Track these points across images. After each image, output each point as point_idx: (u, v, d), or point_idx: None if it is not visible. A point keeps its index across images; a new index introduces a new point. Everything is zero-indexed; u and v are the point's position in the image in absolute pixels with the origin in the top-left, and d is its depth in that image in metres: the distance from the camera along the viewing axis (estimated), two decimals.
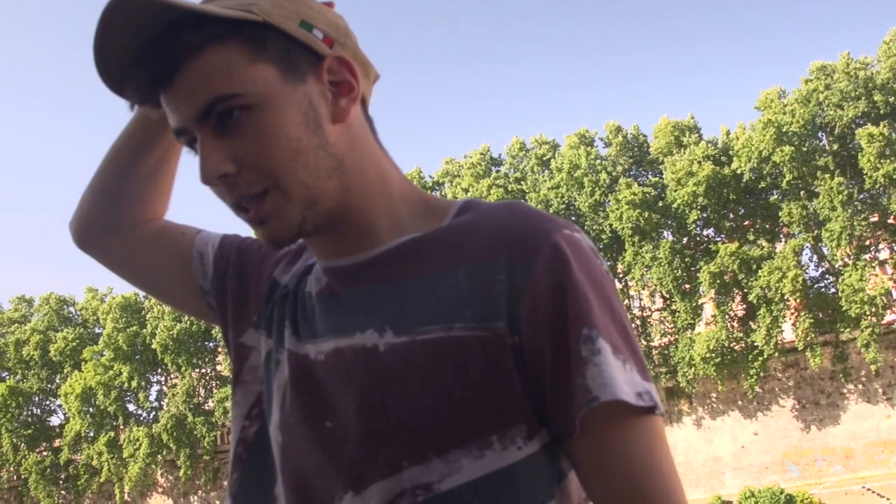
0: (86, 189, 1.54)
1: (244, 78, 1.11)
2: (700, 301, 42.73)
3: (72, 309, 57.53)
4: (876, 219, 40.23)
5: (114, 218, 1.52)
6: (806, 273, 40.23)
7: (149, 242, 1.51)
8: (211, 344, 51.26)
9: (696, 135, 43.82)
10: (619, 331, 1.10)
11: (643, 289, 44.49)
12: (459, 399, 1.08)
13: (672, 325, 43.16)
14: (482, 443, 1.08)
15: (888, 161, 38.32)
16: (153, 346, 50.06)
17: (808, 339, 39.40)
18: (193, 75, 1.11)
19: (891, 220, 40.05)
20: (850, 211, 39.39)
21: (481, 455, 1.08)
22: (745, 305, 41.83)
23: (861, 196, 40.44)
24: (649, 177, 45.23)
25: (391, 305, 1.15)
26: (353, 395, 1.13)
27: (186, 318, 50.01)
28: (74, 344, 53.71)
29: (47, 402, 57.26)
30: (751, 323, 41.45)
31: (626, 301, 45.19)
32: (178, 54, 1.11)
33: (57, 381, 55.64)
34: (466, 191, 45.53)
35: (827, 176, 39.81)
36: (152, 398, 53.16)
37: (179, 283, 1.49)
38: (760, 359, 40.09)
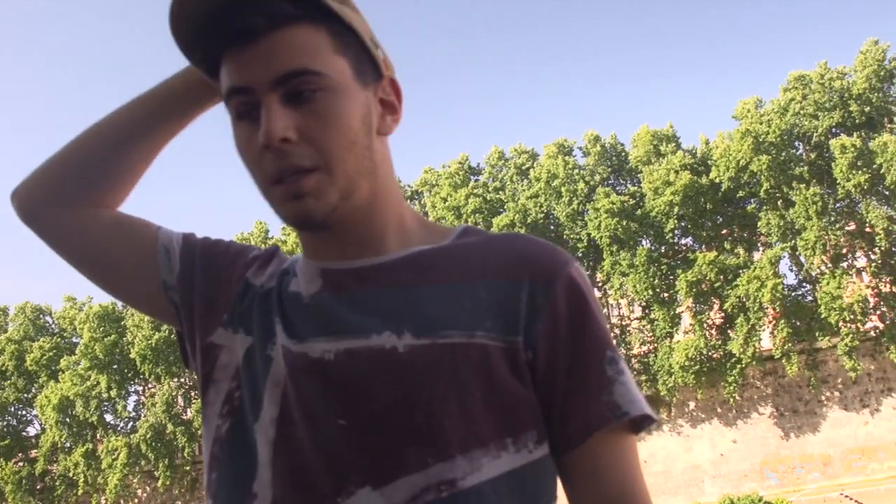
0: (54, 156, 1.48)
1: (328, 62, 1.18)
2: (678, 309, 42.87)
3: (48, 318, 57.16)
4: (852, 227, 40.49)
5: (79, 193, 1.45)
6: (783, 281, 40.41)
7: (107, 227, 1.46)
8: None
9: (675, 144, 44.01)
10: (618, 353, 1.23)
11: (621, 297, 44.62)
12: (481, 401, 1.15)
13: (651, 334, 43.29)
14: (499, 444, 1.15)
15: (861, 171, 38.58)
16: (131, 356, 49.75)
17: (786, 347, 39.58)
18: (283, 41, 1.16)
19: (867, 229, 40.31)
20: (825, 220, 39.62)
21: (498, 455, 1.15)
22: (722, 314, 41.98)
23: (837, 205, 40.69)
24: (627, 186, 45.39)
25: (408, 309, 1.20)
26: (373, 394, 1.16)
27: (165, 327, 49.75)
28: (51, 354, 53.32)
29: (23, 413, 56.85)
30: (729, 331, 41.61)
31: (605, 310, 45.25)
32: (275, 18, 1.16)
33: (33, 390, 55.24)
34: (445, 200, 45.59)
35: (803, 185, 40.05)
36: (130, 408, 52.89)
37: (138, 274, 1.44)
38: (738, 367, 40.25)
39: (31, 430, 56.98)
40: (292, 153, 1.16)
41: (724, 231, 43.24)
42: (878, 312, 39.80)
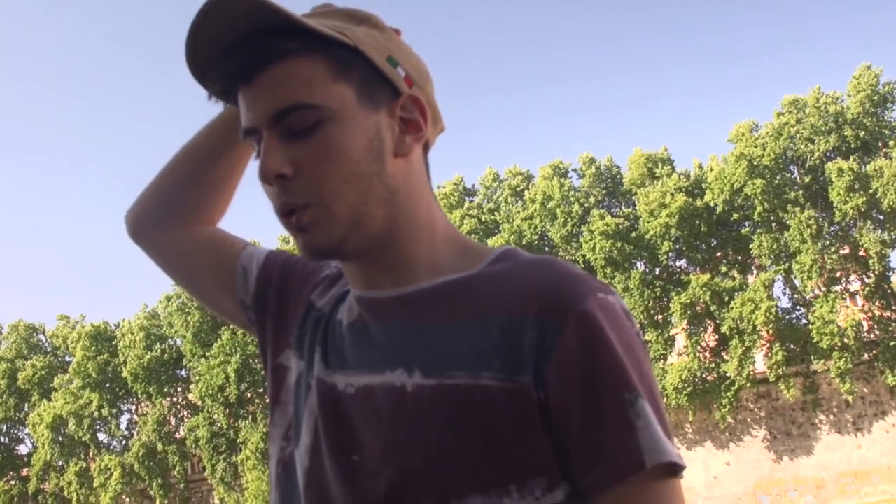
0: (151, 183, 1.59)
1: (324, 92, 1.16)
2: (672, 332, 42.87)
3: (41, 337, 57.00)
4: (847, 251, 40.57)
5: (173, 216, 1.56)
6: (777, 305, 40.45)
7: (198, 246, 1.55)
8: (182, 372, 50.95)
9: (669, 167, 44.07)
10: (649, 395, 1.12)
11: None
12: (482, 446, 1.10)
13: (648, 356, 43.18)
14: (501, 490, 1.10)
15: (857, 195, 38.69)
16: (123, 375, 49.60)
17: (780, 370, 39.58)
18: (277, 78, 1.16)
19: (861, 253, 40.40)
20: (820, 244, 39.71)
21: (499, 502, 1.10)
22: (717, 336, 41.99)
23: (831, 229, 40.79)
24: (622, 208, 45.42)
25: (422, 346, 1.17)
26: (379, 432, 1.16)
27: (157, 346, 49.73)
28: (43, 372, 53.14)
29: (15, 431, 56.60)
30: (723, 354, 41.61)
31: None
32: (268, 55, 1.16)
33: (25, 409, 55.01)
34: (449, 221, 45.56)
35: (798, 209, 40.12)
36: (123, 427, 52.69)
37: (222, 292, 1.52)
38: (732, 389, 40.22)
39: (23, 449, 56.80)
40: (288, 190, 1.17)
41: (718, 254, 43.30)
42: (872, 336, 39.82)
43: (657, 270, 43.38)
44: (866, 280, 40.74)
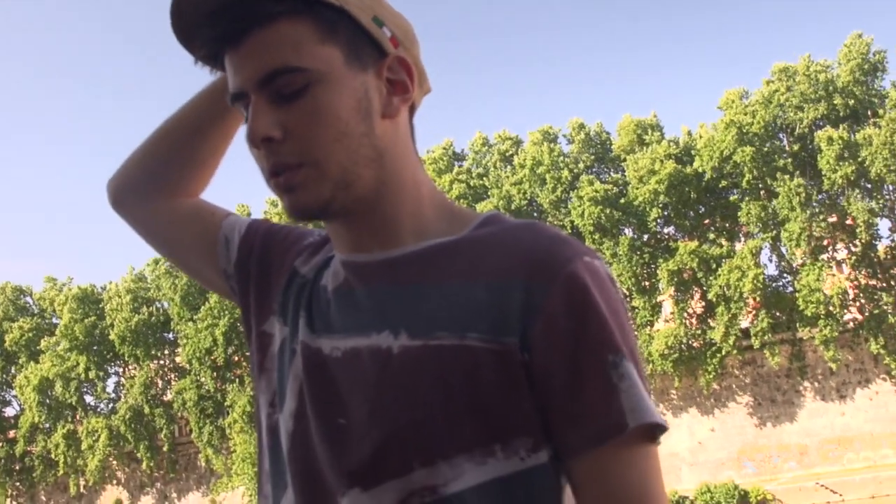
0: (135, 152, 1.58)
1: (311, 54, 1.15)
2: (659, 298, 43.01)
3: (28, 299, 56.87)
4: (834, 219, 40.69)
5: (157, 186, 1.55)
6: (765, 272, 40.59)
7: (180, 217, 1.55)
8: (169, 335, 50.93)
9: (659, 133, 44.04)
10: (632, 359, 1.12)
11: None
12: (467, 406, 1.11)
13: (631, 322, 43.31)
14: (486, 450, 1.11)
15: (846, 163, 38.76)
16: (111, 337, 49.59)
17: (765, 337, 39.78)
18: (264, 41, 1.15)
19: (848, 222, 40.52)
20: (808, 212, 39.81)
21: (483, 462, 1.11)
22: (703, 303, 42.15)
23: (819, 197, 40.88)
24: (611, 174, 45.41)
25: (408, 308, 1.17)
26: (366, 395, 1.16)
27: (144, 309, 49.69)
28: (31, 334, 53.07)
29: (2, 393, 56.61)
30: (709, 321, 41.78)
31: None
32: (254, 18, 1.15)
33: (12, 371, 54.98)
34: (435, 184, 45.47)
35: (786, 177, 40.18)
36: (110, 389, 52.75)
37: (204, 261, 1.52)
38: (718, 356, 40.43)
39: (10, 411, 56.80)
40: (279, 151, 1.17)
41: (706, 221, 43.37)
42: (857, 304, 40.03)
43: (645, 237, 43.45)
44: (853, 248, 40.90)
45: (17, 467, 54.30)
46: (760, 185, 41.01)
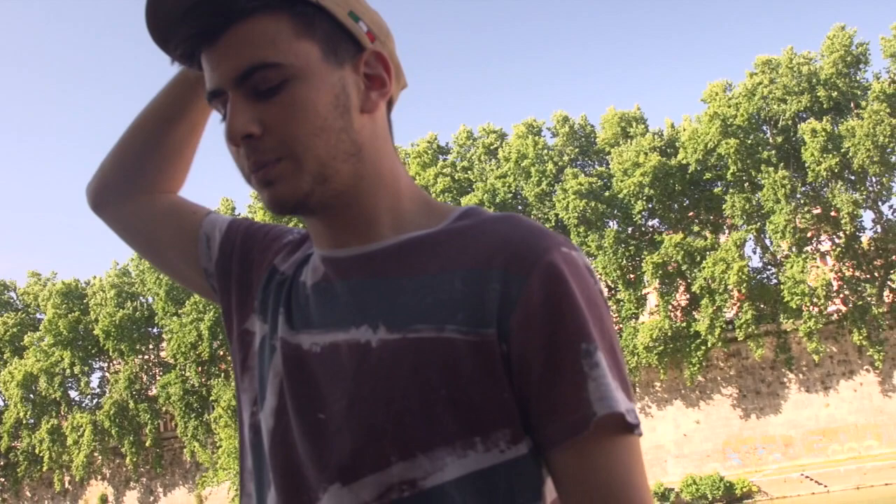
0: (109, 152, 1.58)
1: (287, 50, 1.14)
2: (644, 291, 43.11)
3: (12, 294, 56.70)
4: (818, 211, 40.82)
5: (133, 184, 1.54)
6: (749, 264, 40.73)
7: (160, 215, 1.54)
8: (154, 330, 50.86)
9: (643, 126, 44.16)
10: (609, 350, 1.11)
11: None
12: (446, 399, 1.09)
13: (616, 315, 43.48)
14: (466, 443, 1.10)
15: (830, 155, 38.88)
16: (95, 333, 49.50)
17: (750, 329, 39.90)
18: (240, 37, 1.14)
19: (832, 213, 40.65)
20: (793, 204, 39.93)
21: (464, 455, 1.10)
22: (688, 295, 42.25)
23: (804, 189, 41.00)
24: (596, 167, 45.52)
25: (386, 302, 1.17)
26: (345, 389, 1.15)
27: (129, 304, 49.58)
28: (14, 330, 52.92)
29: None
30: (694, 313, 41.89)
31: None
32: (230, 15, 1.14)
33: None
34: (413, 179, 45.30)
35: (771, 169, 40.29)
36: (95, 385, 52.68)
37: (184, 260, 1.51)
38: (703, 348, 40.55)
39: None
40: (258, 148, 1.15)
41: (690, 213, 43.48)
42: (841, 296, 40.18)
43: (630, 230, 43.53)
44: (837, 240, 41.04)
45: (2, 463, 54.18)
46: (744, 178, 41.11)
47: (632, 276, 42.62)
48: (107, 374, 53.04)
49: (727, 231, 43.02)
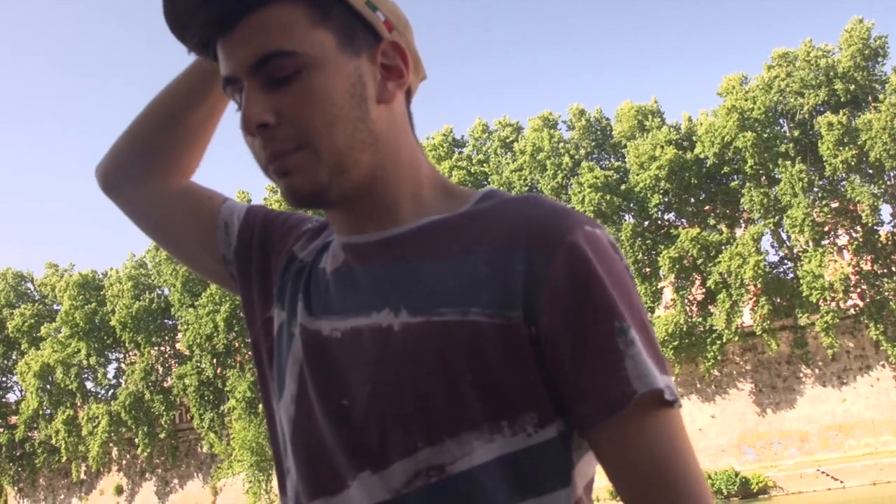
0: (123, 133, 1.56)
1: (303, 39, 1.13)
2: (660, 285, 43.02)
3: (30, 285, 57.00)
4: (836, 205, 40.63)
5: (147, 166, 1.52)
6: (766, 258, 40.58)
7: (175, 199, 1.52)
8: (170, 322, 51.06)
9: (659, 119, 44.02)
10: (641, 327, 1.09)
11: None
12: (472, 383, 1.08)
13: (637, 289, 43.34)
14: (493, 426, 1.09)
15: (847, 149, 38.68)
16: (112, 324, 49.73)
17: (766, 324, 39.76)
18: (256, 25, 1.13)
19: (850, 207, 40.45)
20: (810, 197, 39.75)
21: (491, 439, 1.09)
22: (704, 290, 42.13)
23: (821, 182, 40.82)
24: (612, 160, 45.43)
25: (408, 285, 1.15)
26: (368, 374, 1.14)
27: (145, 296, 49.79)
28: (32, 321, 53.22)
29: (3, 379, 56.88)
30: (710, 307, 41.76)
31: None
32: (247, 2, 1.13)
33: (14, 357, 55.16)
34: (434, 167, 45.53)
35: (788, 162, 40.12)
36: (111, 376, 52.94)
37: (201, 246, 1.49)
38: (719, 343, 40.45)
39: (12, 397, 57.03)
40: (275, 137, 1.14)
41: (707, 207, 43.33)
42: (858, 290, 39.99)
43: (646, 223, 43.44)
44: (854, 234, 40.84)
45: (19, 453, 54.51)
46: (762, 172, 40.94)
47: (648, 270, 42.53)
48: (122, 365, 53.28)
49: (743, 225, 42.86)
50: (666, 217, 44.31)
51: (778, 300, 40.72)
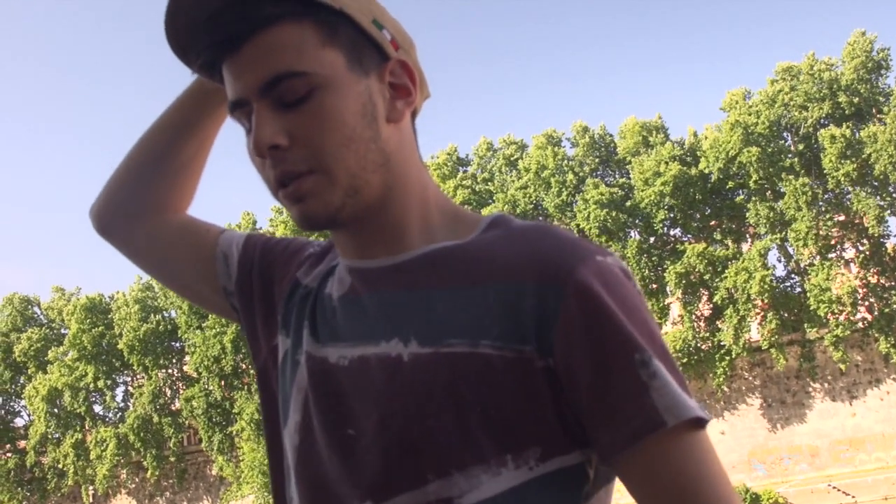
0: (115, 173, 1.55)
1: (313, 59, 1.12)
2: (667, 301, 42.94)
3: (36, 309, 57.10)
4: (842, 218, 40.58)
5: (142, 204, 1.51)
6: (773, 273, 40.51)
7: (172, 234, 1.51)
8: (177, 344, 51.11)
9: (663, 135, 44.02)
10: (662, 355, 1.07)
11: None
12: (480, 415, 1.07)
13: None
14: (499, 460, 1.08)
15: (849, 161, 38.66)
16: (119, 347, 49.80)
17: (774, 338, 39.65)
18: (265, 46, 1.11)
19: (856, 220, 40.39)
20: (815, 211, 39.70)
21: (498, 472, 1.08)
22: (711, 305, 42.04)
23: (826, 196, 40.77)
24: (616, 177, 45.43)
25: (417, 314, 1.14)
26: (376, 404, 1.13)
27: (153, 318, 49.85)
28: (39, 345, 53.28)
29: (11, 404, 56.89)
30: (717, 322, 41.68)
31: None
32: (254, 22, 1.11)
33: (21, 381, 55.20)
34: (439, 188, 45.53)
35: (792, 176, 40.10)
36: (119, 399, 52.95)
37: (202, 280, 1.48)
38: (728, 358, 40.33)
39: (20, 422, 57.04)
40: (286, 159, 1.12)
41: (712, 222, 43.29)
42: (866, 304, 39.87)
43: (652, 239, 43.40)
44: (860, 247, 40.77)
45: (28, 478, 54.51)
46: (767, 186, 40.92)
47: (654, 286, 42.45)
48: (130, 388, 53.31)
49: (749, 240, 42.80)
50: (672, 233, 44.26)
51: (785, 314, 40.59)
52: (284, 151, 1.12)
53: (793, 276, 42.31)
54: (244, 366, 47.12)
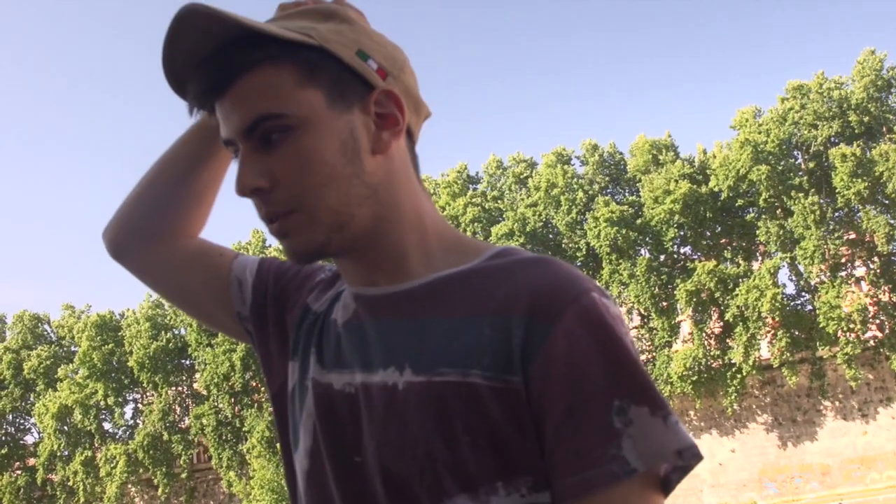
0: (128, 198, 1.56)
1: (290, 100, 1.14)
2: (677, 319, 42.83)
3: (47, 327, 57.07)
4: (852, 237, 40.52)
5: (155, 229, 1.53)
6: (783, 291, 40.42)
7: (187, 258, 1.53)
8: (187, 362, 51.06)
9: (673, 153, 43.99)
10: (645, 392, 1.07)
11: (620, 306, 44.55)
12: (471, 444, 1.09)
13: (649, 343, 43.26)
14: (489, 488, 1.09)
15: (860, 180, 38.62)
16: (129, 364, 49.74)
17: (785, 356, 39.53)
18: (245, 90, 1.15)
19: (866, 239, 40.32)
20: (823, 229, 39.64)
21: (487, 500, 1.09)
22: (721, 323, 41.95)
23: (836, 214, 40.71)
24: (626, 195, 45.39)
25: (414, 343, 1.16)
26: (373, 432, 1.15)
27: (163, 336, 49.83)
28: (49, 362, 53.23)
29: (21, 421, 56.80)
30: (728, 340, 41.57)
31: None
32: (234, 68, 1.15)
33: (31, 399, 55.15)
34: (443, 209, 45.56)
35: (801, 195, 40.05)
36: (128, 416, 52.87)
37: (216, 304, 1.50)
38: (738, 376, 40.21)
39: (30, 439, 56.96)
40: (269, 200, 1.16)
41: (723, 240, 43.23)
42: (877, 322, 39.77)
43: (662, 257, 43.35)
44: (871, 265, 40.69)
45: (38, 495, 54.39)
46: (776, 204, 40.88)
47: (665, 303, 42.36)
48: (140, 405, 53.24)
49: (760, 258, 42.75)
50: (682, 251, 44.19)
51: (796, 333, 40.48)
52: (268, 193, 1.16)
53: (803, 294, 42.22)
54: (254, 383, 47.05)
